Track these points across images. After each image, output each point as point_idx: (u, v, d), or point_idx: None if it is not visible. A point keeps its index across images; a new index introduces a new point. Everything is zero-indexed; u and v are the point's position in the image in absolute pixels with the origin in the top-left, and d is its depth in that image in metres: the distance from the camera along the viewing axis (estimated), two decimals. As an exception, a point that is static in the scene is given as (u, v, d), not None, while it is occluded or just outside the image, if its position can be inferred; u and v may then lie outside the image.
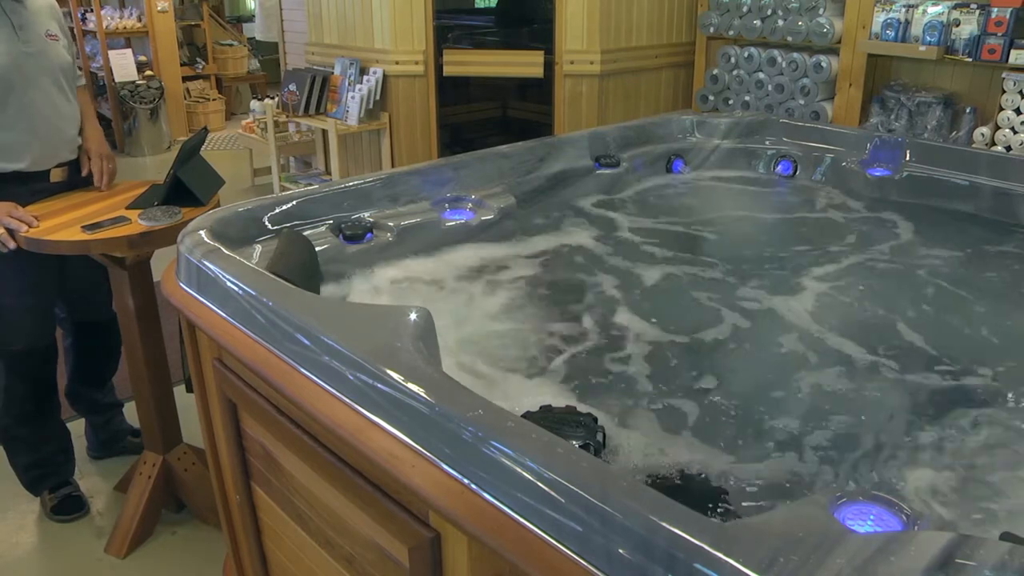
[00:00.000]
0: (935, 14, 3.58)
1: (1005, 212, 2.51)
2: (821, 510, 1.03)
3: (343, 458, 1.26)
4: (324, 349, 1.27)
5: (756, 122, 3.09)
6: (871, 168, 2.79)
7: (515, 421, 1.01)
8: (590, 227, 2.39)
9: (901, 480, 1.28)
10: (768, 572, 0.79)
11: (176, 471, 2.58)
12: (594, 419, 1.22)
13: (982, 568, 0.82)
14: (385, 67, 4.57)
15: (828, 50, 4.02)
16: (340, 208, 2.11)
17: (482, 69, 4.58)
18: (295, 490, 1.48)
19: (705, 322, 1.82)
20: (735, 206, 2.69)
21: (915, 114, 3.80)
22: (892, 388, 1.56)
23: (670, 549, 0.82)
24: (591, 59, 4.36)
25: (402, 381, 1.12)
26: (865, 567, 0.82)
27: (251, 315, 1.45)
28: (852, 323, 1.84)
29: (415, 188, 2.24)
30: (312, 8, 5.03)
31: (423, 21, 4.44)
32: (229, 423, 1.64)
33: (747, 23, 4.23)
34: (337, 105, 4.79)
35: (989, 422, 1.45)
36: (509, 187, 2.41)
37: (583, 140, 2.74)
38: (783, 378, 1.59)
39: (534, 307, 1.88)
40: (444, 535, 1.09)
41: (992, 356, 1.69)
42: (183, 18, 8.57)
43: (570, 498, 0.89)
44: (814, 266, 2.15)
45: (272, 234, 1.94)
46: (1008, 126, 3.50)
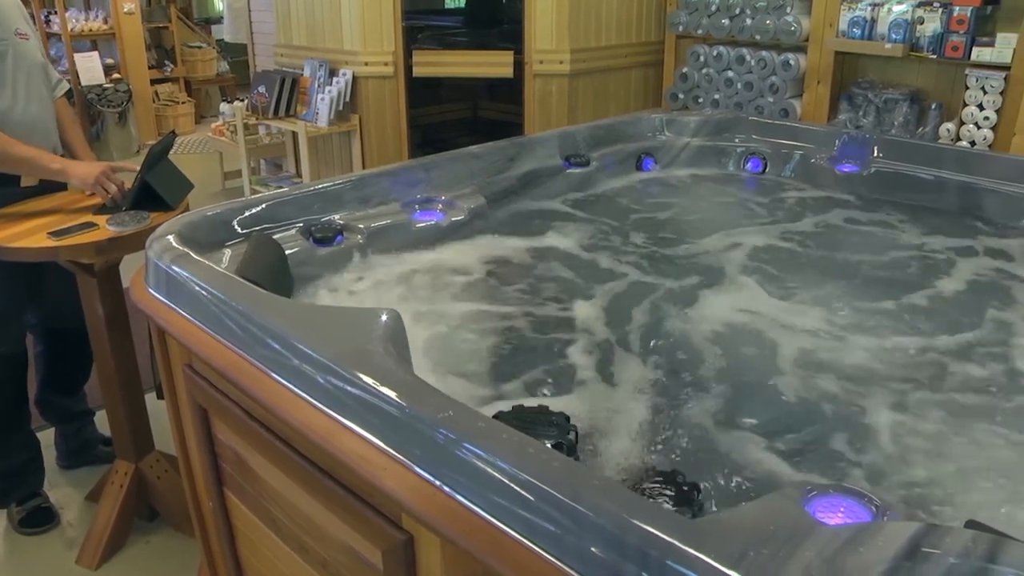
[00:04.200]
0: (900, 12, 3.63)
1: (970, 206, 2.55)
2: (792, 504, 1.04)
3: (315, 462, 1.25)
4: (294, 353, 1.26)
5: (725, 120, 3.11)
6: (840, 164, 2.82)
7: (486, 422, 1.01)
8: (561, 226, 2.39)
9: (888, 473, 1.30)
10: (739, 566, 0.80)
11: (149, 479, 2.55)
12: (566, 418, 1.22)
13: (947, 556, 0.83)
14: (354, 68, 4.55)
15: (796, 48, 4.06)
16: (310, 211, 2.10)
17: (452, 70, 4.58)
18: (268, 495, 1.47)
19: (679, 320, 1.83)
20: (705, 203, 2.71)
21: (882, 111, 3.85)
22: (877, 380, 1.58)
23: (642, 546, 0.82)
24: (560, 59, 4.37)
25: (373, 384, 1.11)
26: (834, 558, 0.83)
27: (221, 320, 1.44)
28: (826, 319, 1.86)
29: (385, 190, 2.23)
30: (281, 9, 4.99)
31: (392, 22, 4.43)
32: (200, 429, 1.63)
33: (715, 22, 4.26)
34: (307, 107, 4.76)
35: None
36: (479, 187, 2.42)
37: (553, 139, 2.75)
38: (759, 374, 1.60)
39: (505, 307, 1.88)
40: (417, 537, 1.09)
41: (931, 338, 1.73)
42: (150, 20, 8.47)
43: (542, 498, 0.90)
44: (789, 261, 2.18)
45: (242, 238, 1.93)
46: (972, 121, 3.55)
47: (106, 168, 2.34)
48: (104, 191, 2.32)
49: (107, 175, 2.32)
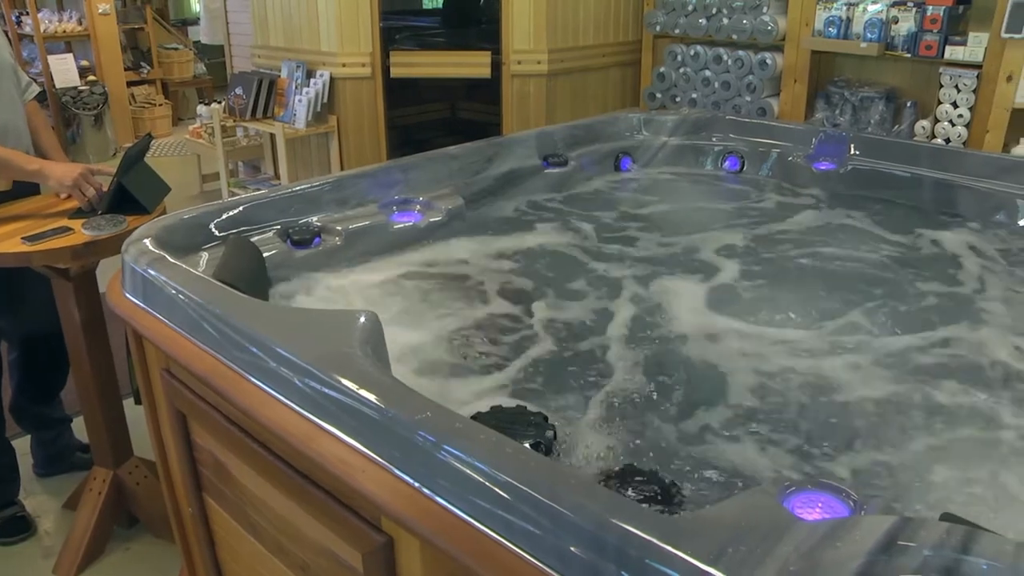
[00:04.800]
0: (875, 12, 3.67)
1: (945, 202, 2.58)
2: (770, 500, 1.04)
3: (294, 465, 1.25)
4: (272, 356, 1.25)
5: (703, 119, 3.13)
6: (817, 162, 2.84)
7: (463, 423, 1.01)
8: (539, 227, 2.40)
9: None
10: (717, 563, 0.80)
11: (128, 485, 2.52)
12: (544, 418, 1.23)
13: (922, 548, 0.84)
14: (332, 70, 4.54)
15: (773, 47, 4.09)
16: (288, 213, 2.09)
17: (429, 70, 4.58)
18: (247, 500, 1.46)
19: (656, 320, 1.84)
20: (683, 203, 2.72)
21: (859, 109, 3.88)
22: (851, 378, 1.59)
23: (620, 545, 0.83)
24: (538, 59, 4.37)
25: (351, 386, 1.11)
26: (811, 553, 0.84)
27: (198, 324, 1.43)
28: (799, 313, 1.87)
29: (363, 191, 2.23)
30: (257, 10, 4.97)
31: (369, 23, 4.42)
32: (179, 434, 1.61)
33: (692, 22, 4.28)
34: (284, 108, 4.74)
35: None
36: (457, 188, 2.42)
37: (531, 140, 2.75)
38: (735, 372, 1.61)
39: (484, 308, 1.88)
40: (397, 539, 1.08)
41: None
42: (126, 21, 8.38)
43: (520, 498, 0.90)
44: (766, 259, 2.19)
45: (219, 241, 1.92)
46: (946, 119, 3.60)
47: (84, 170, 2.31)
48: (81, 194, 2.29)
49: (85, 177, 2.30)
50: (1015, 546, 0.83)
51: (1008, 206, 2.47)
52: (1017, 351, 1.71)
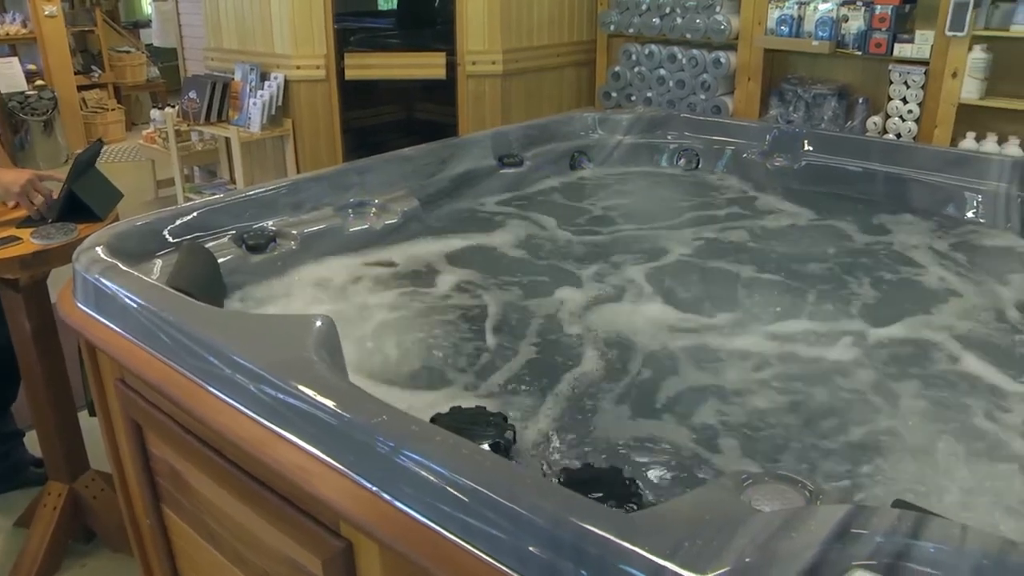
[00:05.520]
0: (825, 10, 3.73)
1: (896, 195, 2.63)
2: (727, 493, 1.06)
3: (251, 473, 1.23)
4: (227, 363, 1.24)
5: (658, 118, 3.15)
6: (771, 159, 2.88)
7: (420, 425, 1.01)
8: (495, 227, 2.40)
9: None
10: (673, 557, 0.81)
11: (84, 500, 2.47)
12: (504, 418, 1.23)
13: (874, 535, 0.85)
14: (286, 72, 4.50)
15: (726, 46, 4.14)
16: (243, 218, 2.06)
17: (384, 72, 4.56)
18: (206, 509, 1.45)
19: (614, 317, 1.85)
20: (639, 200, 2.74)
21: (812, 106, 3.95)
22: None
23: (577, 543, 0.83)
24: (493, 59, 4.38)
25: (306, 392, 1.10)
26: (767, 544, 0.85)
27: (152, 332, 1.41)
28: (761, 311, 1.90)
29: (318, 194, 2.21)
30: (210, 12, 4.91)
31: (323, 24, 4.39)
32: (135, 445, 1.59)
33: (646, 21, 4.32)
34: (239, 112, 4.69)
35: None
36: (413, 190, 2.41)
37: (486, 140, 2.75)
38: (692, 369, 1.63)
39: (440, 309, 1.88)
40: (356, 544, 1.08)
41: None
42: (74, 23, 8.20)
43: (477, 499, 0.90)
44: (722, 255, 2.22)
45: (173, 247, 1.89)
46: (897, 114, 3.67)
47: (32, 177, 2.26)
48: (30, 202, 2.24)
49: (33, 184, 2.25)
50: (962, 529, 0.85)
51: (957, 199, 2.53)
52: (967, 339, 1.75)
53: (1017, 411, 1.48)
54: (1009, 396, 1.53)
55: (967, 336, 1.77)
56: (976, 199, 2.50)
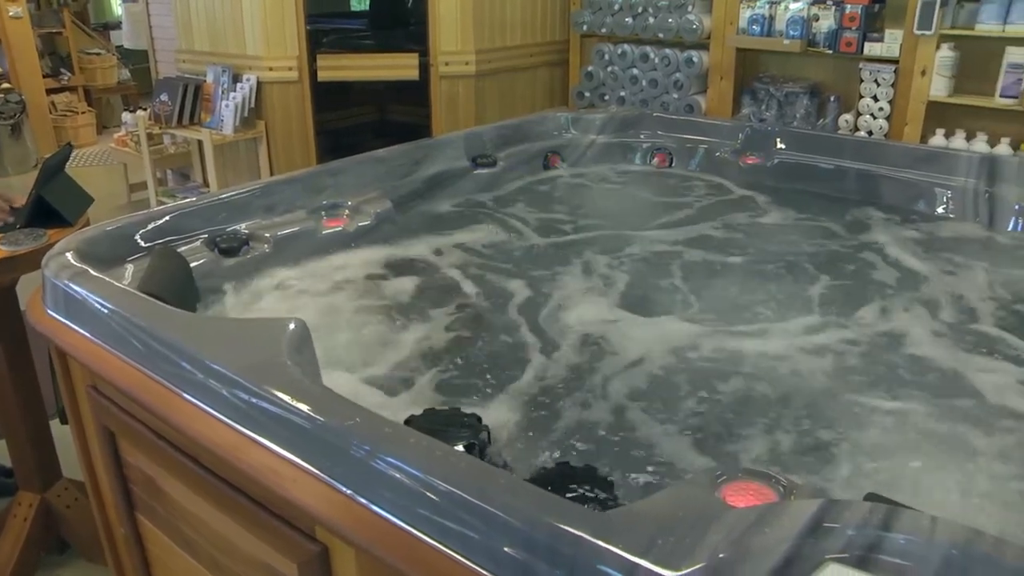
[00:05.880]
0: (796, 10, 3.77)
1: (869, 192, 2.67)
2: (702, 490, 1.06)
3: (225, 478, 1.22)
4: (200, 368, 1.23)
5: (631, 117, 3.17)
6: (744, 157, 2.90)
7: (393, 428, 1.01)
8: (468, 228, 2.40)
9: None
10: (647, 555, 0.81)
11: (57, 509, 2.44)
12: (478, 419, 1.23)
13: (846, 529, 0.87)
14: (258, 74, 4.47)
15: (699, 45, 4.17)
16: (215, 221, 2.05)
17: (357, 73, 4.54)
18: (181, 516, 1.43)
19: (588, 316, 1.85)
20: (612, 200, 2.75)
21: (784, 104, 3.98)
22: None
23: (551, 543, 0.83)
24: (466, 60, 4.38)
25: (279, 395, 1.10)
26: (740, 540, 0.85)
27: (124, 338, 1.39)
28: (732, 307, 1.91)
29: (291, 197, 2.20)
30: (181, 14, 4.86)
31: (295, 26, 4.36)
32: (108, 453, 1.57)
33: (619, 21, 4.34)
34: (211, 114, 4.65)
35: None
36: (386, 191, 2.41)
37: (459, 141, 2.75)
38: (660, 364, 1.64)
39: (414, 311, 1.88)
40: (331, 548, 1.07)
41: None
42: (41, 25, 8.07)
43: (452, 501, 0.90)
44: (695, 252, 2.23)
45: (145, 252, 1.87)
46: (868, 112, 3.72)
47: None
48: None
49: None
50: (932, 520, 0.87)
51: (927, 194, 2.56)
52: (937, 334, 1.77)
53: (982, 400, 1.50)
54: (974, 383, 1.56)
55: (934, 326, 1.79)
56: (946, 195, 2.53)
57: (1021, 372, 1.61)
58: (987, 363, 1.65)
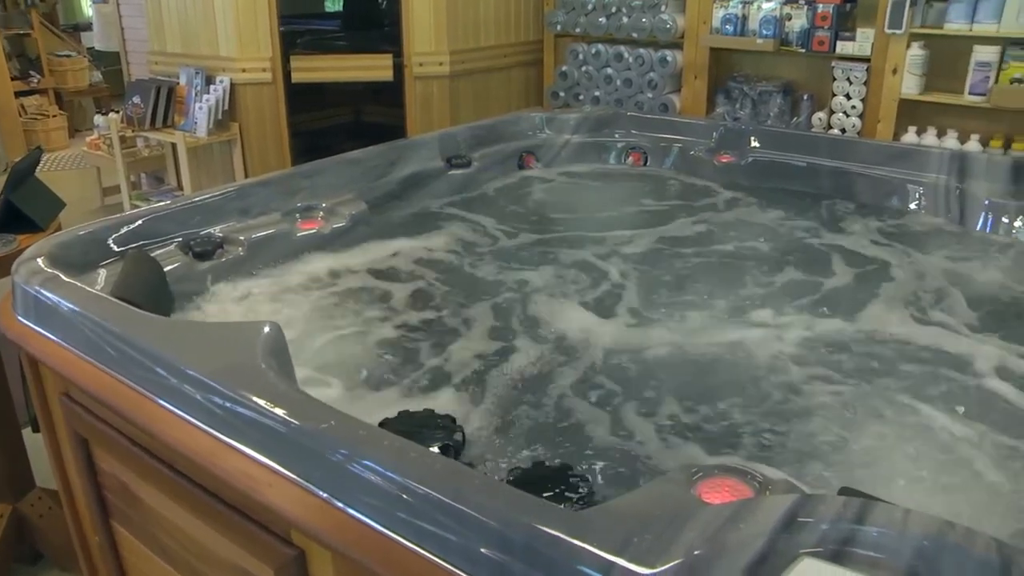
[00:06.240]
0: (769, 9, 3.80)
1: (842, 189, 2.69)
2: (678, 487, 1.07)
3: (201, 484, 1.22)
4: (174, 373, 1.23)
5: (605, 116, 3.18)
6: (718, 155, 2.92)
7: (368, 430, 1.00)
8: (443, 229, 2.40)
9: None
10: (623, 553, 0.82)
11: (30, 519, 2.40)
12: (452, 420, 1.23)
13: (820, 523, 0.87)
14: (232, 75, 4.43)
15: (672, 45, 4.18)
16: (189, 224, 2.04)
17: (331, 75, 4.52)
18: (156, 523, 1.42)
19: (560, 317, 1.86)
20: (587, 199, 2.76)
21: (758, 102, 4.01)
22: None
23: (527, 542, 0.84)
24: (440, 60, 4.37)
25: (254, 399, 1.09)
26: (715, 536, 0.86)
27: (97, 344, 1.38)
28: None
29: (265, 199, 2.19)
30: (152, 15, 4.81)
31: (268, 27, 4.33)
32: (81, 460, 1.56)
33: (593, 20, 4.35)
34: (185, 117, 4.61)
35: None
36: (360, 193, 2.40)
37: (433, 142, 2.75)
38: (641, 365, 1.65)
39: (390, 312, 1.88)
40: (308, 552, 1.07)
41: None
42: (8, 26, 7.94)
43: (426, 501, 0.90)
44: (670, 251, 2.24)
45: (118, 256, 1.86)
46: (841, 110, 3.75)
47: None
48: None
49: None
50: (904, 512, 0.88)
51: (900, 191, 2.59)
52: (909, 327, 1.80)
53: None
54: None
55: (909, 320, 1.82)
56: (918, 191, 2.56)
57: (986, 359, 1.65)
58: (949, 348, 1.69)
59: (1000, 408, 1.49)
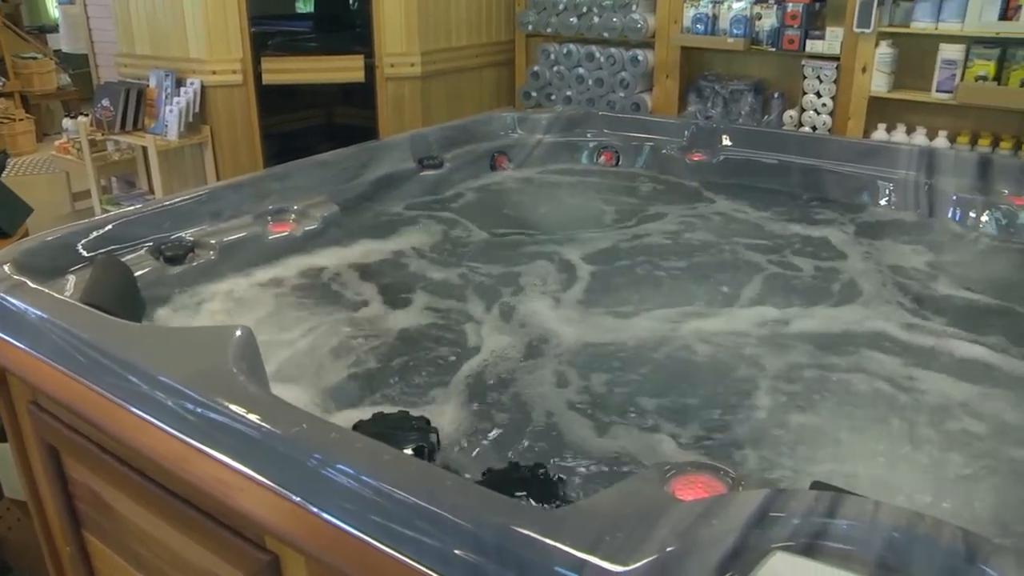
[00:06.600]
0: (739, 9, 3.83)
1: (813, 186, 2.72)
2: (650, 485, 1.07)
3: (173, 491, 1.21)
4: (144, 379, 1.21)
5: (577, 116, 3.18)
6: (690, 154, 2.94)
7: (340, 433, 1.00)
8: (415, 230, 2.40)
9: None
10: (596, 550, 0.82)
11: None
12: (427, 421, 1.23)
13: (792, 517, 0.88)
14: (202, 78, 4.39)
15: (644, 44, 4.20)
16: (160, 229, 2.02)
17: (302, 76, 4.49)
18: (129, 531, 1.41)
19: (532, 317, 1.86)
20: (559, 198, 2.77)
21: (729, 101, 4.04)
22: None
23: (500, 542, 0.84)
24: (411, 61, 4.36)
25: (225, 404, 1.09)
26: (687, 533, 0.87)
27: (65, 351, 1.36)
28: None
29: (237, 202, 2.18)
30: (120, 16, 4.75)
31: (238, 28, 4.30)
32: (51, 470, 1.54)
33: (564, 20, 4.36)
34: (155, 120, 4.56)
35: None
36: (332, 195, 2.39)
37: (405, 143, 2.75)
38: (613, 363, 1.66)
39: (363, 315, 1.87)
40: (282, 557, 1.07)
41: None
42: (-32, 28, 7.83)
43: (400, 505, 0.90)
44: (642, 249, 2.26)
45: (87, 262, 1.84)
46: (811, 108, 3.79)
47: None
48: None
49: None
50: (875, 505, 0.89)
51: (870, 187, 2.63)
52: (882, 321, 1.82)
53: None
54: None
55: (877, 315, 1.84)
56: (888, 187, 2.60)
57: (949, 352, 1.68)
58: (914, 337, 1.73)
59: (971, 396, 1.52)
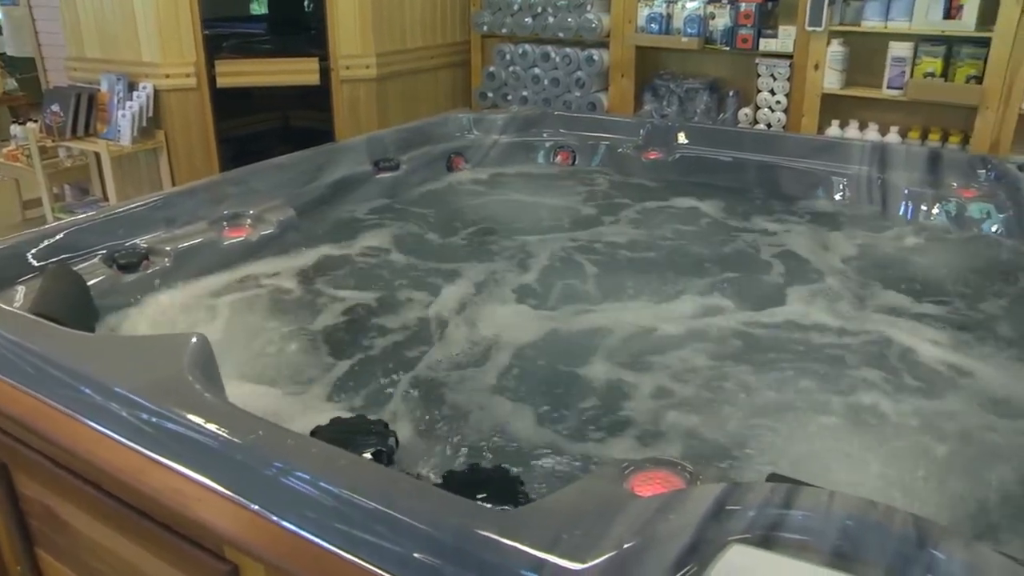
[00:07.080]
0: (693, 8, 3.87)
1: (768, 182, 2.76)
2: (609, 482, 1.08)
3: (129, 503, 1.19)
4: (97, 390, 1.20)
5: (533, 116, 3.19)
6: (646, 152, 2.96)
7: (296, 439, 1.00)
8: (372, 233, 2.39)
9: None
10: (554, 549, 0.83)
11: (-50, 548, 2.31)
12: (385, 425, 1.23)
13: (748, 510, 0.90)
14: (155, 81, 4.32)
15: (599, 44, 4.22)
16: (114, 236, 1.99)
17: (257, 79, 4.44)
18: (85, 546, 1.39)
19: (488, 317, 1.87)
20: (516, 198, 2.78)
21: (685, 100, 4.07)
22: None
23: (457, 544, 0.84)
24: (367, 63, 4.33)
25: (181, 413, 1.07)
26: (645, 528, 0.88)
27: (15, 364, 1.34)
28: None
29: (192, 208, 2.16)
30: (68, 18, 4.66)
31: (191, 30, 4.24)
32: (1, 487, 1.51)
33: (519, 21, 4.36)
34: (108, 125, 4.48)
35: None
36: (289, 199, 2.38)
37: (361, 146, 2.74)
38: (571, 365, 1.67)
39: (320, 319, 1.86)
40: (241, 567, 1.06)
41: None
42: (-100, 33, 7.59)
43: (357, 509, 0.89)
44: (598, 248, 2.27)
45: (37, 272, 1.80)
46: (766, 105, 3.84)
47: None
48: None
49: None
50: (829, 495, 0.91)
51: (825, 182, 2.67)
52: (835, 316, 1.85)
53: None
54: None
55: (827, 309, 1.88)
56: (842, 182, 2.65)
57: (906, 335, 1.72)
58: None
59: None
